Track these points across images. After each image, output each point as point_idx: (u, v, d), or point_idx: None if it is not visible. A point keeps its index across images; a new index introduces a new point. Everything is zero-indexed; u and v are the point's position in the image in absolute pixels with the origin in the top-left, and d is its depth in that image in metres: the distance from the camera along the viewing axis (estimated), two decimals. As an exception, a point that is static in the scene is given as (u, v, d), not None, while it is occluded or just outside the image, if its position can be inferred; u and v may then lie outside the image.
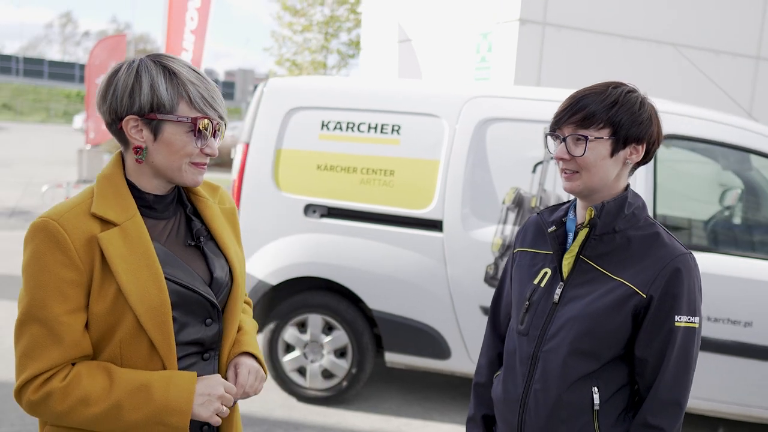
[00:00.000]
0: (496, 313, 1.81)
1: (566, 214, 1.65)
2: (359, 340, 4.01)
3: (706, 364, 3.49)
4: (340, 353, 4.08)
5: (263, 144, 4.12)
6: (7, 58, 57.31)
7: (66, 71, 54.63)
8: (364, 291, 3.96)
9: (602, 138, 1.51)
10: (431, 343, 3.89)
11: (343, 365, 4.06)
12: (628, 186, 1.61)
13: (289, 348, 4.15)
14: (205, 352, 1.46)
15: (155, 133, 1.37)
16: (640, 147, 1.55)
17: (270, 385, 4.32)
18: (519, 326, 1.64)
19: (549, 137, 1.60)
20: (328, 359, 4.07)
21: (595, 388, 1.55)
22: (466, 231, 3.77)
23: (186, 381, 1.35)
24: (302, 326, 4.12)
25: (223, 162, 18.82)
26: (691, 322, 1.52)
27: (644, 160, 1.59)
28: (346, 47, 18.93)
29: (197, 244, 1.48)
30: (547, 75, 7.14)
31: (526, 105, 3.83)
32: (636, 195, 1.61)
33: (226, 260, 1.51)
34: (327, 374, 4.11)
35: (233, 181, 4.22)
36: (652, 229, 1.58)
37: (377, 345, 4.10)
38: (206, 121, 1.39)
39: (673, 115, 3.67)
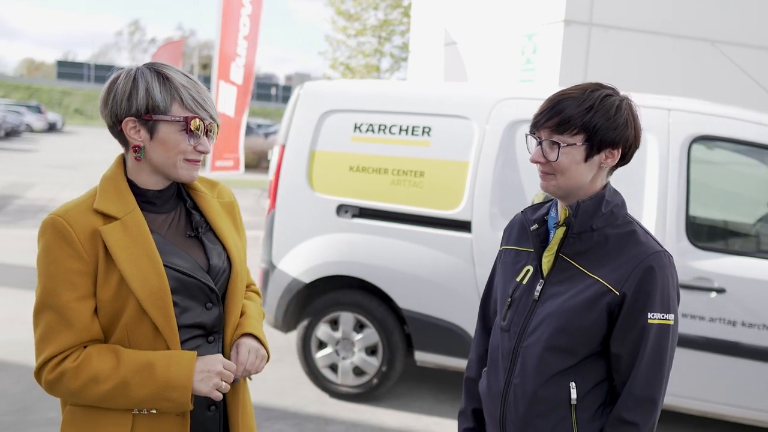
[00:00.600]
0: (485, 310, 1.85)
1: (548, 212, 1.68)
2: (389, 339, 4.08)
3: (752, 373, 3.42)
4: (371, 351, 4.16)
5: (298, 146, 4.24)
6: (79, 65, 59.90)
7: (133, 77, 56.57)
8: (394, 290, 4.03)
9: (575, 144, 1.53)
10: (460, 342, 3.92)
11: (373, 363, 4.14)
12: (606, 185, 1.62)
13: (321, 345, 4.26)
14: (209, 335, 1.56)
15: (151, 132, 1.48)
16: (615, 151, 1.56)
17: (303, 380, 4.44)
18: (502, 322, 1.69)
19: (528, 138, 1.64)
20: (359, 356, 4.15)
21: (573, 384, 1.57)
22: (495, 232, 3.79)
23: (186, 359, 1.45)
24: (334, 324, 4.22)
25: (257, 164, 19.25)
26: (665, 319, 1.53)
27: (621, 163, 1.60)
28: (399, 50, 19.04)
29: (196, 234, 1.60)
30: (593, 76, 7.05)
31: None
32: (615, 193, 1.62)
33: (224, 248, 1.62)
34: (358, 371, 4.20)
35: (270, 182, 4.36)
36: (629, 227, 1.59)
37: (407, 344, 4.16)
38: (197, 120, 1.49)
39: (719, 117, 3.61)
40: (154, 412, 1.46)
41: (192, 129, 1.49)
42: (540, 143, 1.57)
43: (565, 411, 1.58)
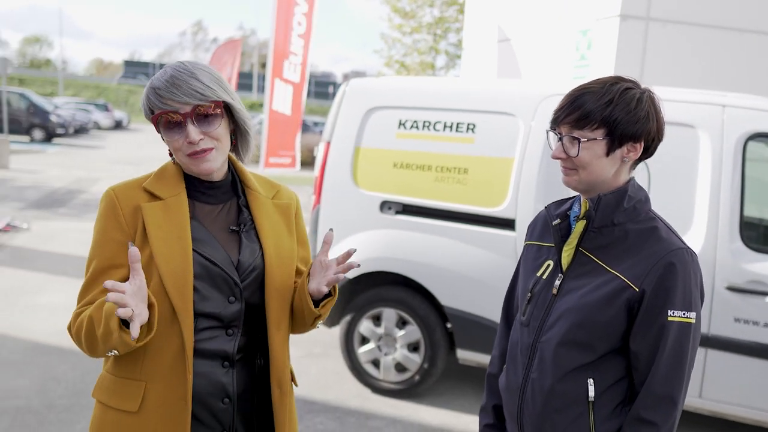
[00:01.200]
0: (509, 306, 1.84)
1: (571, 207, 1.66)
2: (431, 336, 4.07)
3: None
4: (413, 348, 4.16)
5: (343, 142, 4.28)
6: (145, 64, 61.81)
7: (196, 76, 58.12)
8: (436, 287, 4.02)
9: (596, 139, 1.50)
10: (502, 341, 3.87)
11: (415, 359, 4.13)
12: (630, 180, 1.59)
13: (364, 340, 4.28)
14: (228, 327, 1.58)
15: (162, 135, 1.57)
16: (637, 145, 1.54)
17: (346, 375, 4.48)
18: (521, 317, 1.67)
19: (549, 133, 1.61)
20: (401, 353, 4.16)
21: (591, 380, 1.55)
22: (539, 230, 3.73)
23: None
24: (377, 320, 4.24)
25: (313, 162, 19.40)
26: (686, 317, 1.49)
27: (644, 156, 1.58)
28: (454, 48, 18.93)
29: (238, 230, 1.62)
30: (650, 72, 6.86)
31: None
32: (639, 188, 1.59)
33: (261, 248, 1.63)
34: (400, 368, 4.20)
35: (315, 178, 4.41)
36: (651, 223, 1.56)
37: (450, 342, 4.14)
38: (166, 115, 1.50)
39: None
40: (116, 353, 1.45)
41: (163, 126, 1.53)
42: (561, 139, 1.55)
43: (582, 407, 1.55)
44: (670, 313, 1.48)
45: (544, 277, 1.64)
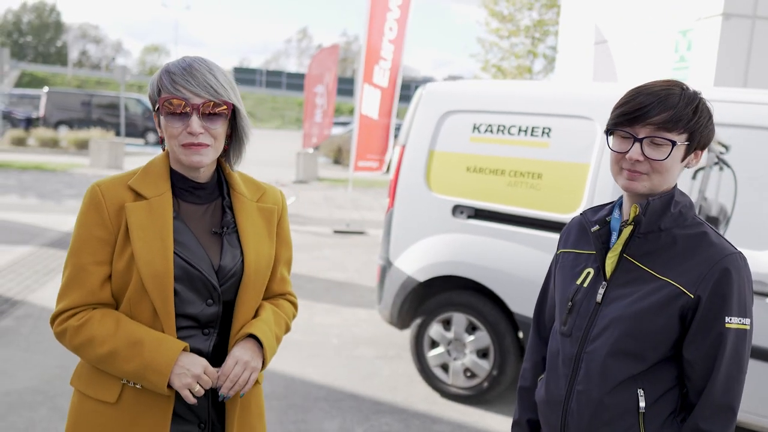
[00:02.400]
0: (540, 316, 1.80)
1: (610, 213, 1.60)
2: (501, 343, 4.01)
3: None
4: (483, 354, 4.11)
5: (418, 146, 4.29)
6: (252, 71, 64.30)
7: (300, 81, 59.94)
8: (507, 293, 3.95)
9: (678, 143, 1.47)
10: (574, 352, 3.76)
11: (484, 366, 4.08)
12: (675, 185, 1.52)
13: (434, 344, 4.28)
14: (204, 327, 1.60)
15: (161, 124, 1.55)
16: (701, 152, 1.51)
17: (416, 378, 4.49)
18: (562, 327, 1.62)
19: (615, 134, 1.54)
20: (470, 358, 4.12)
21: (641, 390, 1.51)
22: (614, 238, 3.60)
23: (173, 348, 1.50)
24: (447, 324, 4.22)
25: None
26: (743, 324, 1.45)
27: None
28: (552, 51, 18.50)
29: (221, 233, 1.62)
30: (755, 74, 6.44)
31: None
32: (683, 194, 1.53)
33: (241, 253, 1.63)
34: (469, 373, 4.16)
35: (390, 181, 4.45)
36: (700, 228, 1.51)
37: (520, 349, 4.06)
38: (175, 100, 1.48)
39: None
40: (139, 386, 1.54)
41: (169, 110, 1.50)
42: (639, 140, 1.47)
43: (632, 419, 1.51)
44: (727, 320, 1.45)
45: (585, 285, 1.60)
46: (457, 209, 4.13)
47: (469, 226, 4.09)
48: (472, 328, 4.13)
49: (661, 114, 1.44)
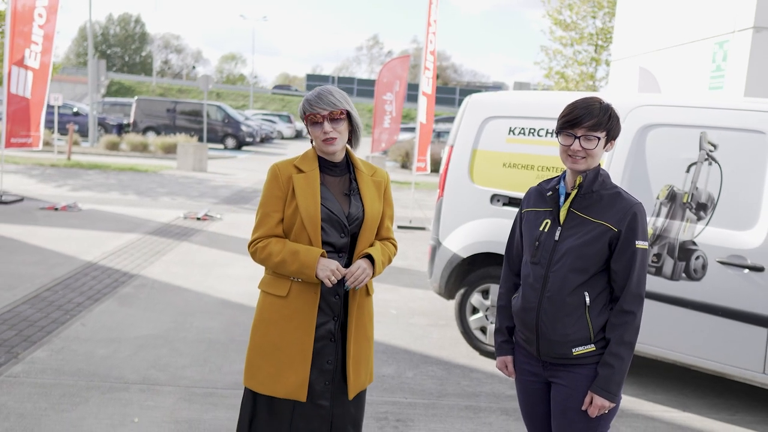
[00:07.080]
0: (509, 255, 2.63)
1: (558, 183, 2.44)
2: (530, 309, 4.82)
3: None
4: (514, 318, 4.93)
5: (463, 146, 5.17)
6: (324, 78, 66.14)
7: (370, 88, 61.41)
8: (534, 268, 4.76)
9: (600, 138, 2.30)
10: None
11: (516, 328, 4.90)
12: (599, 164, 2.37)
13: (475, 310, 5.13)
14: (339, 252, 2.54)
15: (308, 131, 2.52)
16: (613, 141, 2.35)
17: (460, 340, 5.35)
18: (532, 258, 2.46)
19: (561, 134, 2.39)
20: (504, 322, 4.95)
21: (586, 293, 2.34)
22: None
23: (315, 253, 2.39)
24: (486, 293, 5.07)
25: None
26: (644, 245, 2.30)
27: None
28: (615, 58, 18.83)
29: (349, 194, 2.57)
30: (785, 82, 6.95)
31: (683, 112, 4.30)
32: (604, 170, 2.39)
33: (362, 206, 2.57)
34: (503, 335, 4.99)
35: (440, 175, 5.35)
36: (616, 189, 2.37)
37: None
38: (312, 116, 2.40)
39: None
40: (300, 280, 2.47)
41: (310, 122, 2.44)
42: (578, 137, 2.29)
43: (582, 310, 2.34)
44: (637, 243, 2.29)
45: (546, 230, 2.43)
46: (495, 198, 4.98)
47: (504, 211, 4.93)
48: (506, 297, 4.96)
49: (589, 120, 2.29)
